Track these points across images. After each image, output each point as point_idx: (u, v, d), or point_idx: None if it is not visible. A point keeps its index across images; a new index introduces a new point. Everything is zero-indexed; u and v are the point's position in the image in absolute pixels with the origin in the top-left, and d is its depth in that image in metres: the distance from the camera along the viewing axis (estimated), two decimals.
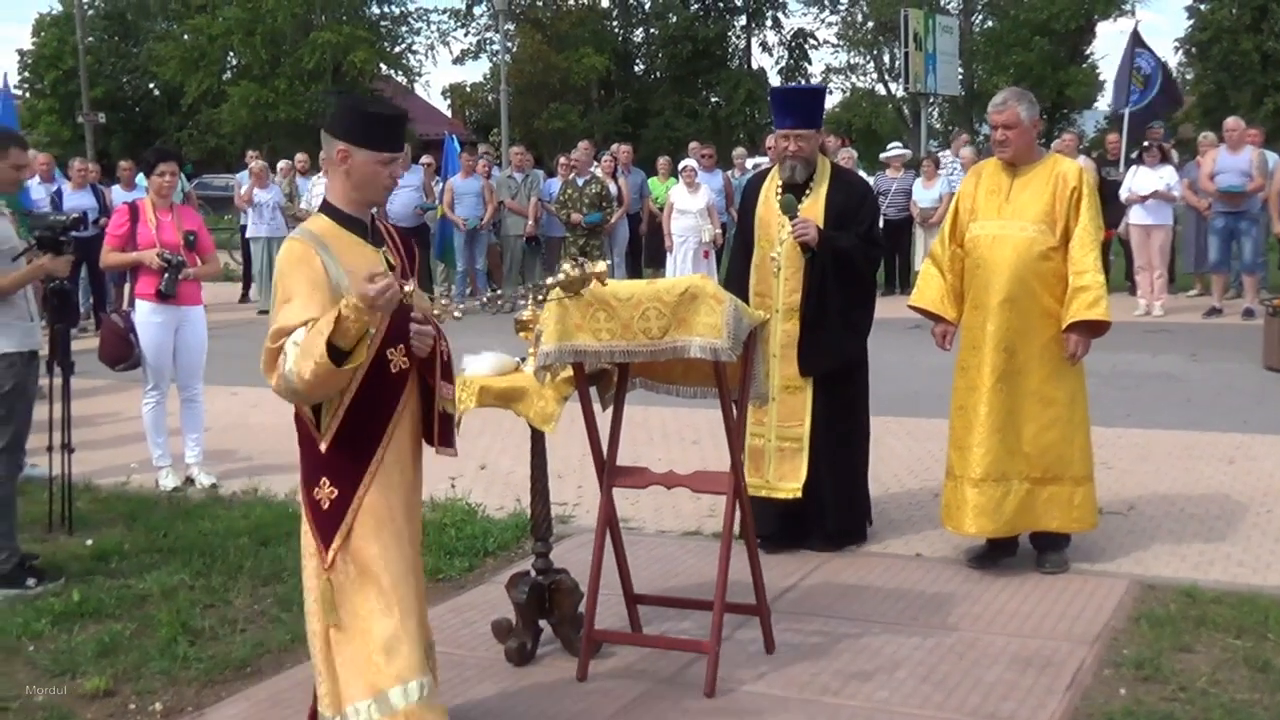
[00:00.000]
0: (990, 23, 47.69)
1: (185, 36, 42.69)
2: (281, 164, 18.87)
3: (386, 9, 43.36)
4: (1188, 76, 45.45)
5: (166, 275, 7.64)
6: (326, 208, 3.90)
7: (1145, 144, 15.93)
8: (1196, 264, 16.20)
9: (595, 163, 16.78)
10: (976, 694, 4.68)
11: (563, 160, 17.59)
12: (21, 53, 47.34)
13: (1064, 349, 5.80)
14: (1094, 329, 5.81)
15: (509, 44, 43.89)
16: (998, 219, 5.90)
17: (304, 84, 39.57)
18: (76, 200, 14.67)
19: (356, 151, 3.80)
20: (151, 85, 46.37)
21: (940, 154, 19.73)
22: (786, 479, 6.20)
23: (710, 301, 4.49)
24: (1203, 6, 41.23)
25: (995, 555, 6.11)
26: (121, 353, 7.73)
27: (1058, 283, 5.81)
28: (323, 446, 3.82)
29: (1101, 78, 46.26)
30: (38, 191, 14.87)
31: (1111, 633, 5.22)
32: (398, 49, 43.69)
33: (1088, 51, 46.34)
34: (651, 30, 49.38)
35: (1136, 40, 18.63)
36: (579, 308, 4.61)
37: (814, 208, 6.17)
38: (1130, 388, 10.43)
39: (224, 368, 10.92)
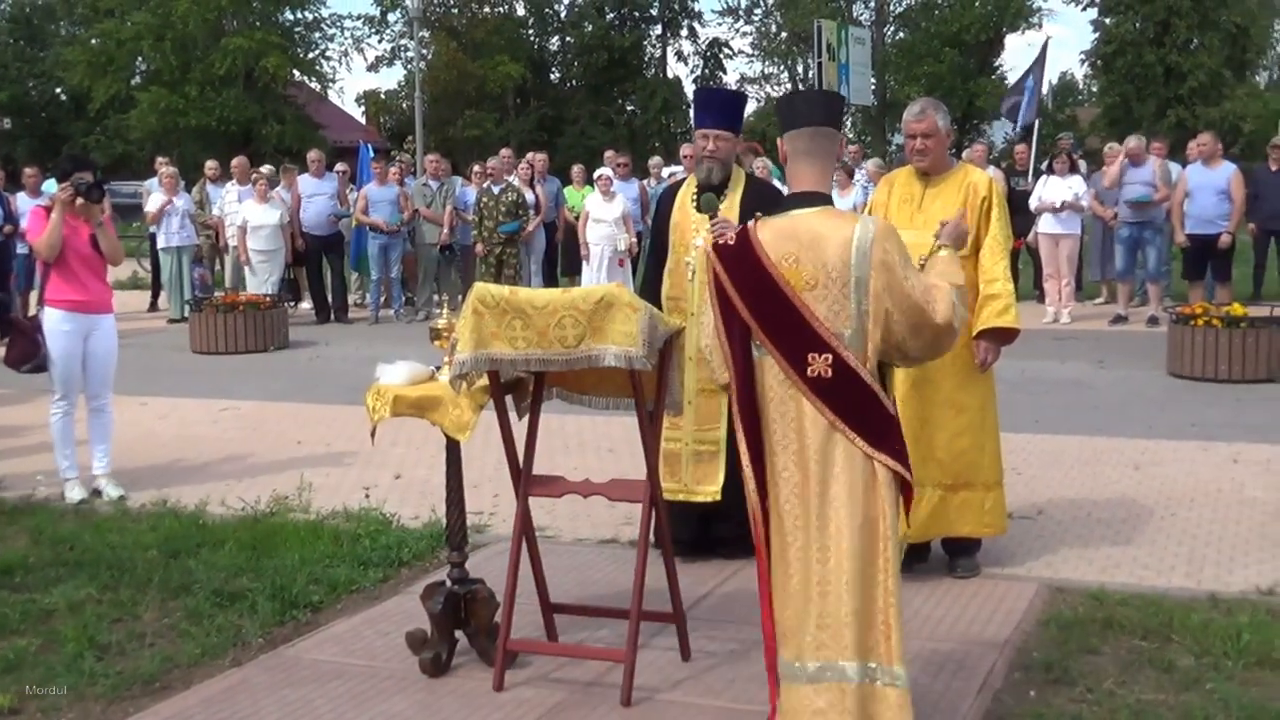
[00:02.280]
0: (902, 34, 48.35)
1: (93, 41, 41.96)
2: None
3: (300, 14, 42.93)
4: (1093, 89, 46.36)
5: (86, 189, 7.50)
6: None
7: (1055, 154, 16.21)
8: (1103, 273, 16.53)
9: (511, 172, 16.73)
10: None
11: (476, 169, 17.52)
12: None
13: (974, 356, 5.89)
14: (1003, 336, 5.90)
15: (424, 51, 43.69)
16: (910, 228, 5.94)
17: (215, 90, 39.04)
18: None
19: None
20: (58, 90, 45.51)
21: (868, 163, 19.92)
22: (704, 482, 6.21)
23: (626, 310, 4.50)
24: (1108, 21, 42.10)
25: (908, 561, 6.14)
26: (27, 351, 7.59)
27: (968, 291, 5.88)
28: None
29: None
30: None
31: (1021, 636, 5.29)
32: (311, 55, 43.26)
33: (997, 63, 47.13)
34: (567, 39, 49.47)
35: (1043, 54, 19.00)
36: (495, 316, 4.59)
37: (729, 213, 6.19)
38: (1039, 394, 10.60)
39: (134, 378, 10.76)
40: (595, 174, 16.85)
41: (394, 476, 8.11)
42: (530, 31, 49.44)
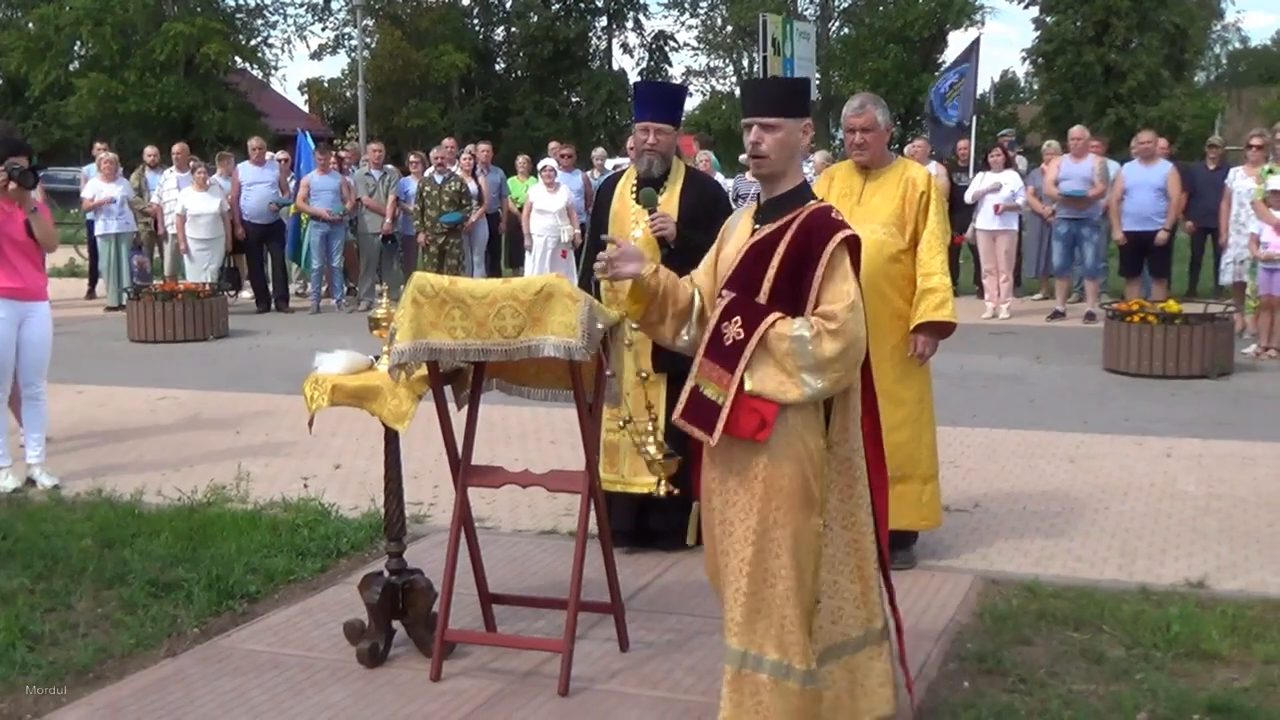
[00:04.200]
0: (847, 30, 48.63)
1: (30, 25, 41.32)
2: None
3: (242, 1, 42.54)
4: (1035, 86, 46.81)
5: (20, 174, 7.39)
6: None
7: (994, 148, 16.37)
8: (1041, 269, 16.71)
9: (454, 161, 16.67)
10: None
11: (413, 158, 17.43)
12: None
13: (912, 350, 5.94)
14: (940, 330, 5.95)
15: (368, 40, 43.44)
16: (850, 221, 6.00)
17: (155, 76, 38.61)
18: None
19: None
20: None
21: (816, 155, 20.02)
22: (642, 474, 6.20)
23: (565, 300, 4.49)
24: (1048, 19, 42.56)
25: None
26: None
27: (907, 285, 5.94)
28: None
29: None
30: None
31: (957, 627, 5.35)
32: (253, 42, 42.88)
33: (940, 59, 47.45)
34: (512, 29, 49.35)
35: (975, 50, 19.18)
36: (433, 306, 4.58)
37: (668, 205, 6.21)
38: (977, 388, 10.70)
39: (70, 365, 10.63)
40: (539, 165, 16.82)
41: (333, 466, 8.07)
42: (475, 21, 49.28)
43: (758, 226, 3.96)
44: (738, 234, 4.04)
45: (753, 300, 3.83)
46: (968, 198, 15.52)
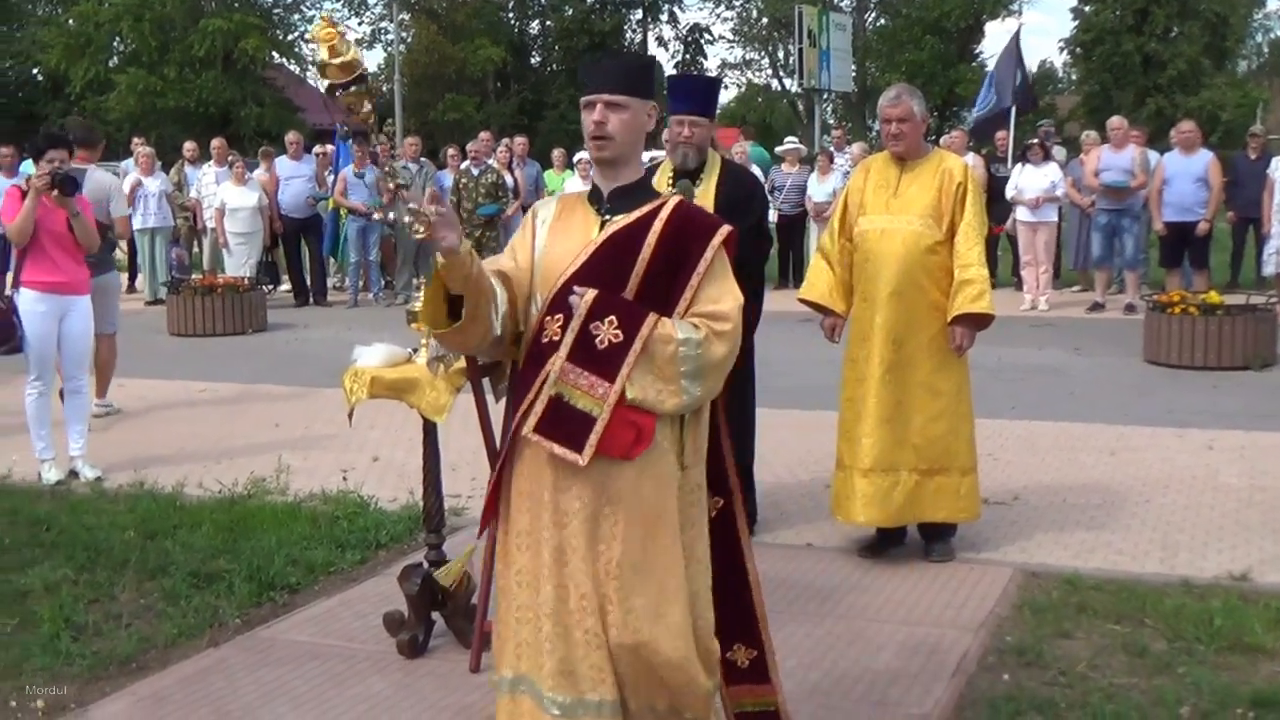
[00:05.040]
0: (883, 21, 48.39)
1: (70, 22, 41.63)
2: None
3: None
4: (1073, 76, 46.44)
5: (61, 180, 7.48)
6: None
7: (1030, 141, 16.25)
8: (1080, 260, 16.59)
9: (491, 154, 16.70)
10: (864, 681, 4.76)
11: (452, 151, 17.48)
12: None
13: (949, 341, 5.91)
14: (978, 322, 5.93)
15: (403, 34, 43.56)
16: (886, 213, 6.00)
17: (194, 72, 38.80)
18: None
19: None
20: (35, 70, 45.14)
21: (853, 147, 19.93)
22: None
23: None
24: (1087, 8, 42.21)
25: (884, 545, 6.21)
26: (2, 335, 7.54)
27: (944, 276, 5.92)
28: None
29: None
30: None
31: (996, 620, 5.33)
32: (290, 37, 43.04)
33: (977, 50, 47.23)
34: (547, 23, 49.29)
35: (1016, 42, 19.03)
36: None
37: (704, 198, 6.20)
38: (1016, 381, 10.64)
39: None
40: (575, 158, 16.82)
41: (372, 459, 8.11)
42: (510, 15, 49.25)
43: (607, 218, 3.48)
44: (571, 226, 3.52)
45: (623, 298, 3.37)
46: (1008, 194, 15.41)
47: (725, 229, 3.45)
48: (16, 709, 4.65)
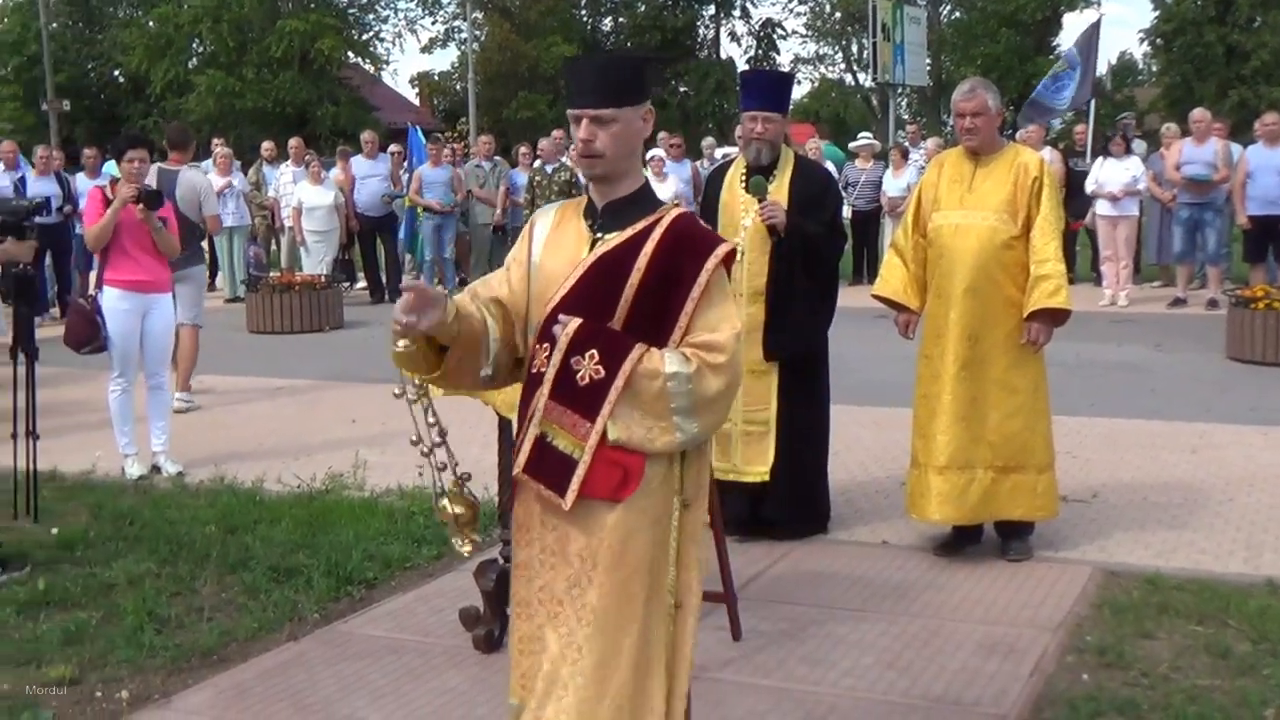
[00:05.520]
0: (958, 14, 47.93)
1: (150, 24, 42.33)
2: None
3: None
4: (1153, 68, 45.74)
5: (147, 195, 7.62)
6: None
7: (1110, 134, 16.03)
8: (1161, 255, 16.33)
9: (564, 152, 16.75)
10: (941, 680, 4.72)
11: (522, 150, 17.57)
12: None
13: (1025, 337, 5.85)
14: (1054, 317, 5.86)
15: (477, 33, 43.82)
16: (960, 209, 5.95)
17: (271, 72, 39.31)
18: (40, 187, 14.51)
19: None
20: (116, 72, 45.94)
21: (928, 142, 19.76)
22: (754, 462, 6.23)
23: None
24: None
25: (961, 543, 6.16)
26: (87, 334, 7.68)
27: (1020, 272, 5.86)
28: None
29: None
30: (2, 179, 14.75)
31: (1075, 619, 5.27)
32: (365, 37, 43.47)
33: (1054, 43, 46.58)
34: (620, 19, 49.39)
35: (1095, 34, 18.78)
36: None
37: (778, 193, 6.20)
38: (1095, 377, 10.51)
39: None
40: (647, 155, 16.84)
41: None
42: (583, 12, 49.40)
43: (599, 236, 3.18)
44: (565, 241, 3.24)
45: (609, 328, 3.08)
46: (1088, 188, 15.20)
47: (723, 248, 3.13)
48: (102, 699, 4.74)
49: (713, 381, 3.02)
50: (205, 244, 19.35)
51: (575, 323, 3.07)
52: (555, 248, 3.23)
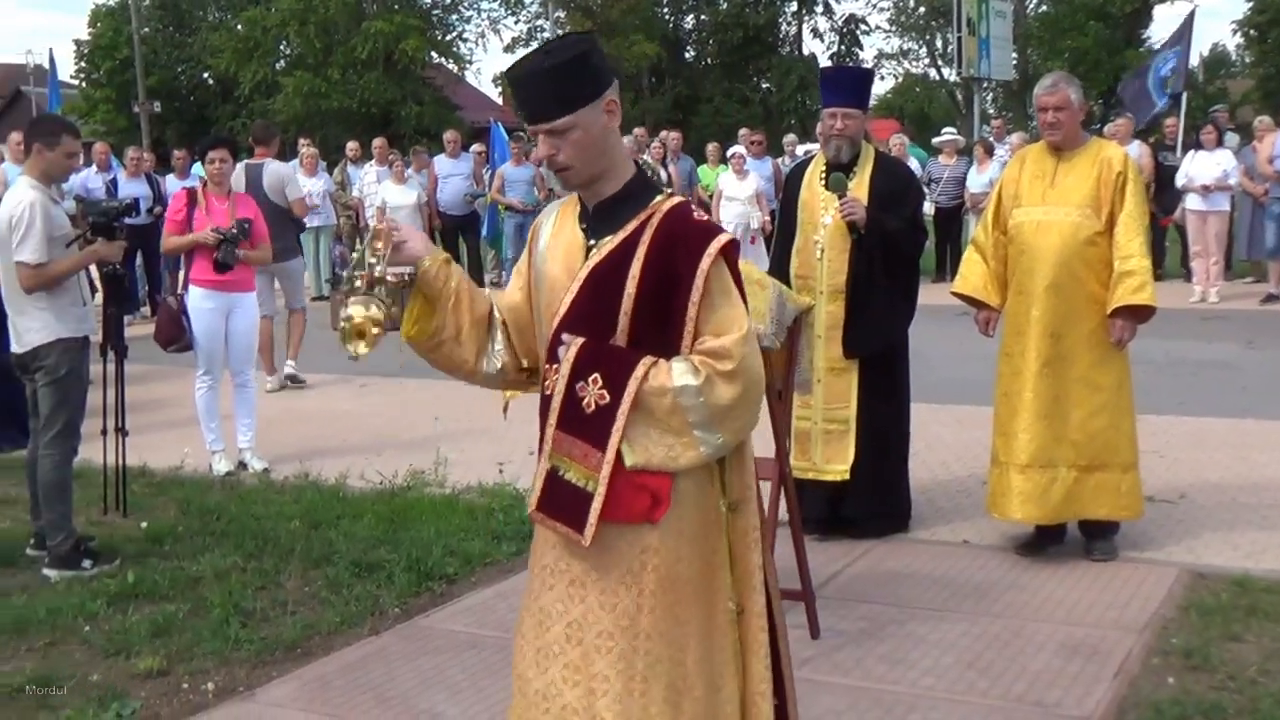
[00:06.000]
0: (1045, 7, 47.24)
1: (239, 27, 43.03)
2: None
3: None
4: (1246, 60, 44.81)
5: (222, 248, 7.76)
6: None
7: (1202, 125, 15.73)
8: (1253, 250, 15.98)
9: (646, 150, 16.78)
10: (1022, 681, 4.67)
11: None
12: (78, 43, 47.76)
13: (1109, 334, 5.76)
14: (1139, 314, 5.77)
15: (559, 31, 43.94)
16: (1042, 204, 5.87)
17: (356, 73, 39.79)
18: (131, 188, 14.81)
19: None
20: (206, 75, 46.75)
21: (1013, 137, 19.52)
22: (834, 461, 6.20)
23: (754, 287, 4.48)
24: None
25: (1043, 543, 6.08)
26: (173, 334, 7.83)
27: (1103, 268, 5.77)
28: None
29: None
30: (95, 180, 15.07)
31: (1160, 621, 5.18)
32: (449, 37, 43.83)
33: (1144, 35, 45.77)
34: (702, 17, 49.29)
35: (1189, 26, 18.43)
36: None
37: (858, 190, 6.16)
38: (1184, 376, 10.32)
39: (276, 354, 11.03)
40: (729, 152, 16.81)
41: (527, 452, 8.18)
42: (665, 10, 49.37)
43: (592, 243, 2.95)
44: (563, 247, 3.02)
45: (611, 346, 2.88)
46: (1179, 182, 14.93)
47: (717, 242, 2.85)
48: (188, 690, 4.83)
49: (725, 390, 2.80)
50: None
51: (576, 345, 2.88)
52: (555, 255, 3.02)
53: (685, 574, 2.91)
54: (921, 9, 49.23)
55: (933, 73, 51.38)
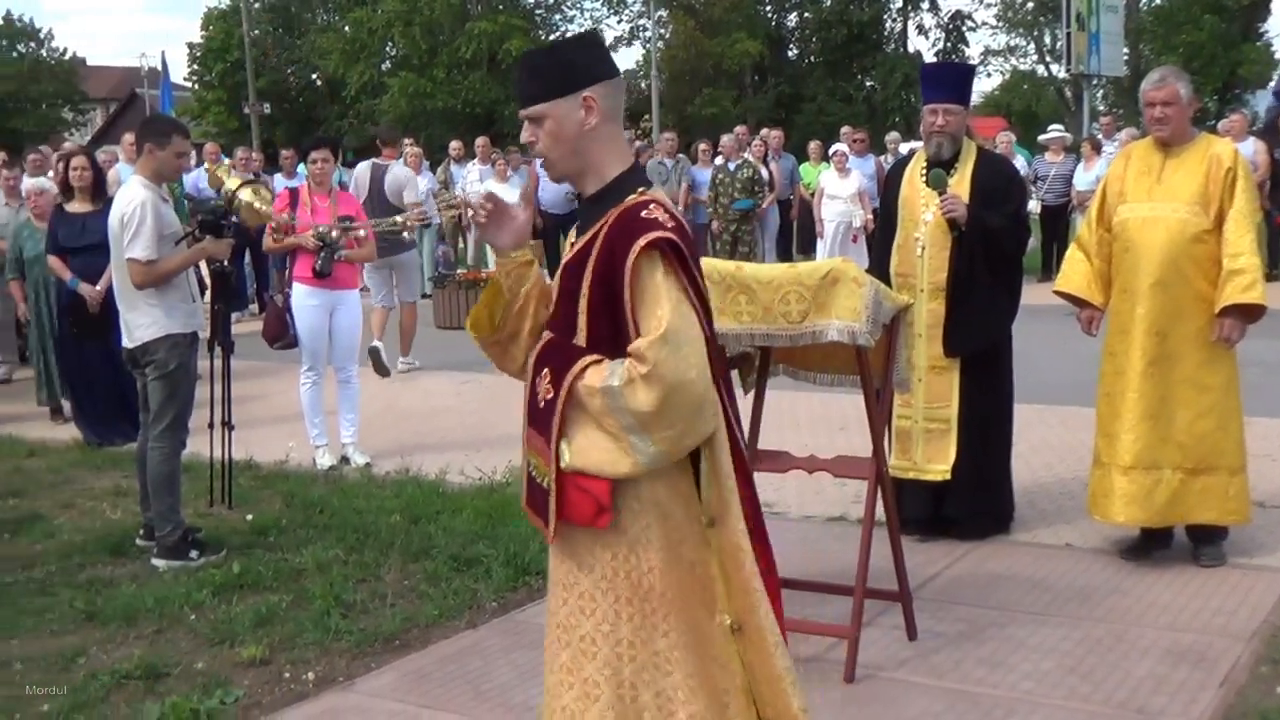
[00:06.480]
0: (1158, 0, 46.26)
1: (346, 29, 43.71)
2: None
3: None
4: None
5: (321, 255, 7.87)
6: None
7: None
8: None
9: (746, 148, 16.74)
10: (1125, 687, 4.58)
11: (702, 147, 17.60)
12: (191, 45, 48.92)
13: (1217, 333, 5.62)
14: (1248, 313, 5.62)
15: (661, 30, 44.03)
16: (1148, 201, 5.75)
17: (461, 73, 40.22)
18: None
19: None
20: (314, 76, 47.55)
21: (1122, 133, 19.16)
22: (934, 460, 6.14)
23: (851, 285, 4.46)
24: None
25: (1148, 547, 5.96)
26: (279, 331, 7.99)
27: (1211, 266, 5.63)
28: None
29: (1278, 55, 44.63)
30: (204, 180, 15.39)
31: (1269, 629, 5.06)
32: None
33: (1262, 30, 44.63)
34: (805, 14, 48.97)
35: None
36: (720, 291, 4.62)
37: (959, 187, 6.09)
38: None
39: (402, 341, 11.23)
40: (831, 150, 16.72)
41: None
42: (768, 8, 49.15)
43: (573, 241, 2.97)
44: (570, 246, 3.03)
45: (566, 343, 2.88)
46: None
47: (645, 238, 2.75)
48: (290, 680, 4.92)
49: (643, 395, 2.68)
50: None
51: (546, 339, 2.94)
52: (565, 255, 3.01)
53: (658, 586, 2.84)
54: (1030, 4, 48.47)
55: (1040, 69, 50.57)
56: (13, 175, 12.05)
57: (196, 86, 47.94)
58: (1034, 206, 16.13)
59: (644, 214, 2.82)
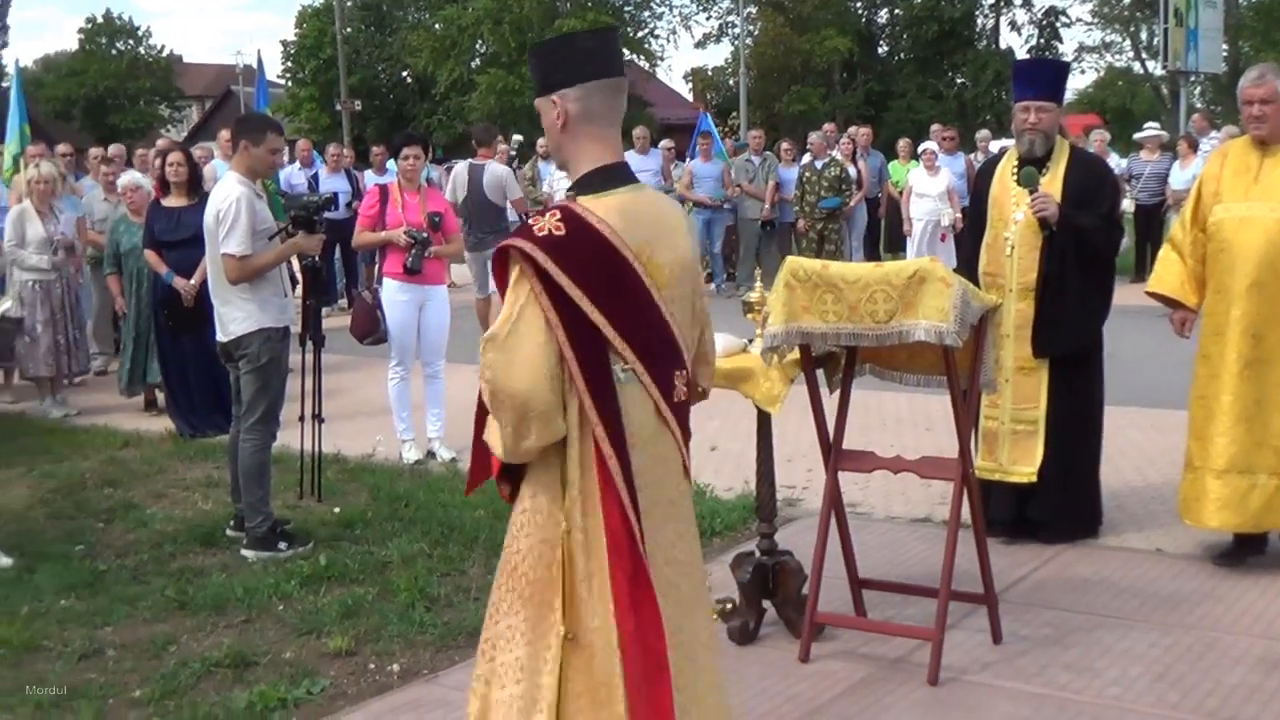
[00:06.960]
0: None
1: (437, 27, 44.09)
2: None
3: None
4: None
5: (413, 252, 7.94)
6: None
7: None
8: None
9: (834, 145, 16.65)
10: (1215, 696, 4.50)
11: (785, 146, 17.54)
12: (285, 43, 49.65)
13: None
14: None
15: (750, 27, 43.93)
16: (1245, 201, 5.63)
17: None
18: (331, 184, 15.29)
19: None
20: (405, 73, 48.03)
21: (1221, 131, 18.80)
22: (1021, 462, 6.07)
23: (939, 284, 4.42)
24: None
25: (1241, 552, 5.84)
26: (368, 327, 8.07)
27: None
28: None
29: None
30: (298, 176, 15.62)
31: None
32: (640, 34, 44.17)
33: None
34: (896, 11, 48.64)
35: None
36: (806, 290, 4.60)
37: (1051, 186, 6.00)
38: None
39: (469, 347, 11.26)
40: (920, 148, 16.57)
41: (709, 448, 8.21)
42: (858, 4, 48.86)
43: None
44: None
45: None
46: None
47: (504, 243, 2.95)
48: (375, 671, 4.98)
49: (484, 388, 2.92)
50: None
51: None
52: None
53: (520, 567, 3.04)
54: (1126, 0, 47.69)
55: (1136, 66, 49.75)
56: (112, 171, 12.29)
57: (290, 83, 48.63)
58: (1128, 205, 15.85)
59: (532, 220, 2.98)
